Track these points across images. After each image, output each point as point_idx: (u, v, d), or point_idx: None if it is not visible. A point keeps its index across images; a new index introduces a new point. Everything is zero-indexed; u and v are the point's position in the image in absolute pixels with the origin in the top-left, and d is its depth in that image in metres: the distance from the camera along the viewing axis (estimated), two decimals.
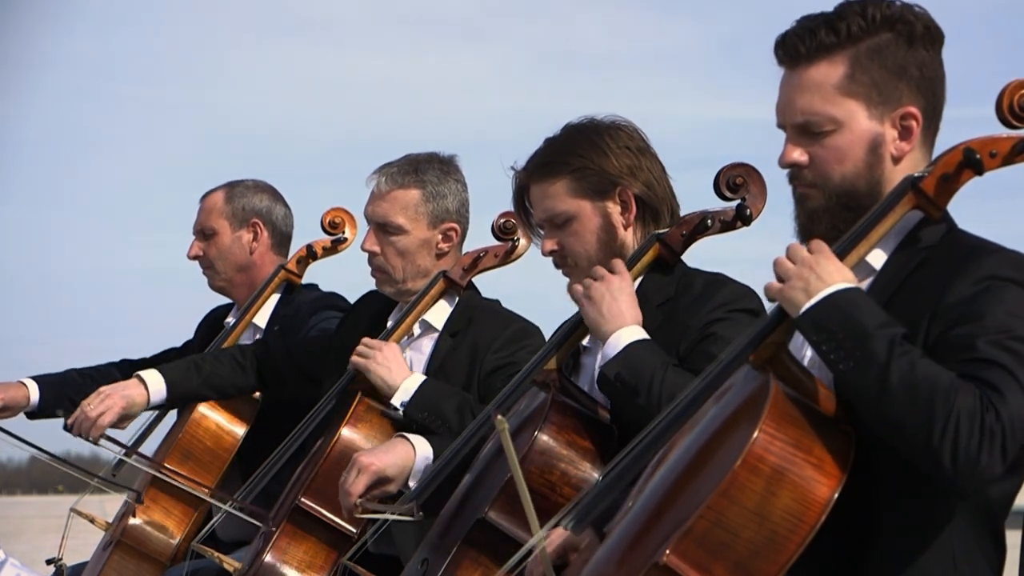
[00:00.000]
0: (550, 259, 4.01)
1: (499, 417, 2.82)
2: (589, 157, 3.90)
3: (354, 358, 4.57)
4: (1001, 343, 2.75)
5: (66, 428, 5.22)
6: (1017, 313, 2.79)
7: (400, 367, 4.52)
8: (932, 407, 2.68)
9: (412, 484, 4.18)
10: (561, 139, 3.95)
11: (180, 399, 5.14)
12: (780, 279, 2.87)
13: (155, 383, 5.07)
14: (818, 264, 2.83)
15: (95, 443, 5.05)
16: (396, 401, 4.46)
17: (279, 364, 5.07)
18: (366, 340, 4.59)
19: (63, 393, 5.74)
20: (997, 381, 2.72)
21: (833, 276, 2.82)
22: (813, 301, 2.80)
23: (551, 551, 3.24)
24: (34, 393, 5.69)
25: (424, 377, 4.52)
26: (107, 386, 5.09)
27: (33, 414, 5.74)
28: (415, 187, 4.70)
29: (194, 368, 5.13)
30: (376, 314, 4.83)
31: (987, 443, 2.67)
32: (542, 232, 4.02)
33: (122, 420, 5.01)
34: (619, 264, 3.81)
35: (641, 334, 3.70)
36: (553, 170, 3.92)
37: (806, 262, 2.84)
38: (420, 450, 4.21)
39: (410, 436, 4.25)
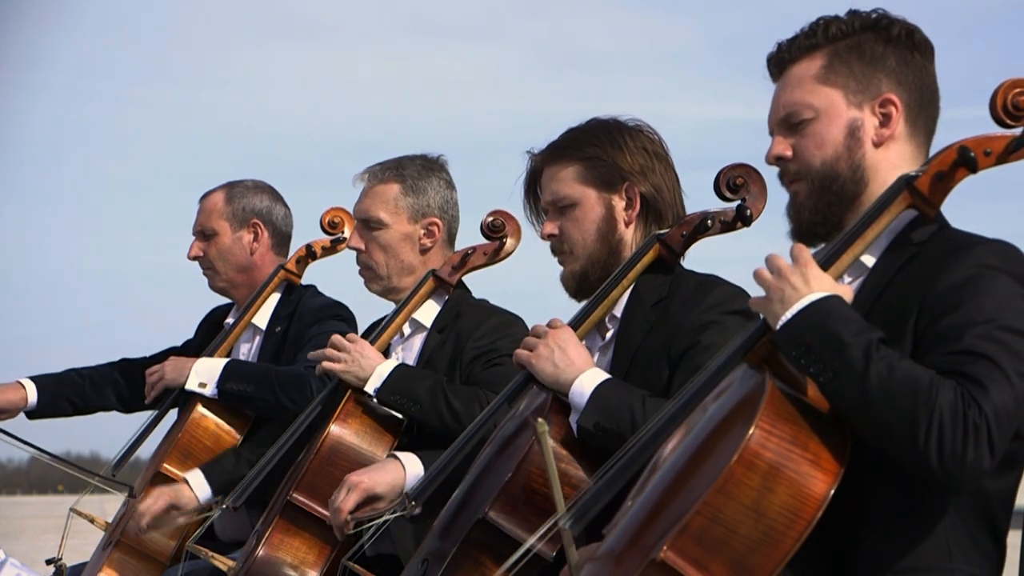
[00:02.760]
0: (548, 244, 4.04)
1: (540, 420, 2.81)
2: (604, 148, 3.93)
3: (325, 364, 4.60)
4: (987, 334, 2.76)
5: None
6: (1004, 301, 2.80)
7: (372, 357, 4.55)
8: (914, 410, 2.69)
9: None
10: (581, 128, 4.00)
11: (223, 490, 5.12)
12: (761, 294, 2.89)
13: (198, 483, 5.13)
14: (794, 274, 2.85)
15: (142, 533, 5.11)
16: (369, 388, 4.50)
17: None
18: (334, 339, 4.62)
19: (61, 393, 5.75)
20: (980, 374, 2.73)
21: (810, 285, 2.84)
22: (789, 315, 2.81)
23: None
24: (32, 394, 5.70)
25: (397, 362, 4.56)
26: (161, 487, 5.15)
27: (32, 414, 5.75)
28: (395, 181, 4.77)
29: (234, 456, 5.17)
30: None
31: (972, 440, 2.68)
32: (545, 216, 4.04)
33: (171, 510, 5.06)
34: (557, 320, 3.84)
35: (601, 376, 3.70)
36: (566, 155, 3.97)
37: (783, 272, 2.87)
38: (410, 469, 4.26)
39: (400, 455, 4.29)
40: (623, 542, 2.92)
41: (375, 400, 4.50)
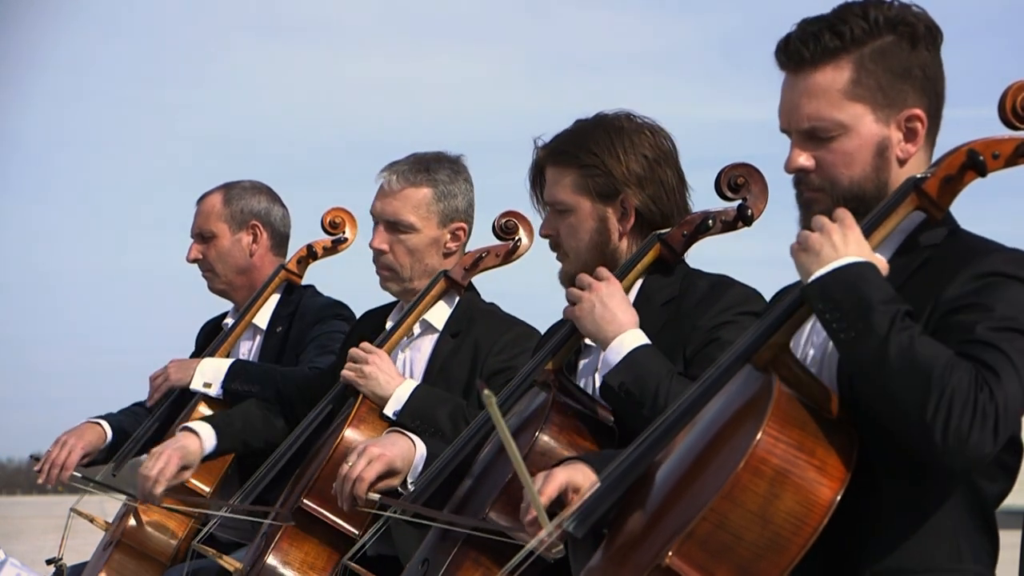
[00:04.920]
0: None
1: (486, 391, 2.79)
2: (601, 157, 3.90)
3: (344, 372, 4.58)
4: (1000, 330, 2.77)
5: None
6: (1019, 308, 2.81)
7: (391, 376, 4.52)
8: (928, 383, 2.70)
9: (411, 483, 4.18)
10: (584, 129, 3.96)
11: (227, 448, 5.08)
12: (800, 245, 2.88)
13: (205, 431, 5.03)
14: (835, 234, 2.84)
15: (159, 504, 4.99)
16: (389, 411, 4.47)
17: (295, 401, 5.06)
18: (353, 351, 4.59)
19: (124, 430, 5.72)
20: (995, 362, 2.74)
21: (849, 248, 2.83)
22: (823, 271, 2.81)
23: (551, 489, 3.18)
24: (108, 432, 5.69)
25: (416, 384, 4.52)
26: (159, 445, 5.03)
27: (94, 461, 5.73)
28: (427, 186, 4.70)
29: (233, 418, 5.11)
30: (375, 330, 4.82)
31: (979, 422, 2.69)
32: (546, 211, 4.04)
33: (182, 471, 4.96)
34: (604, 271, 3.81)
35: (642, 339, 3.69)
36: (565, 160, 3.95)
37: (826, 231, 2.86)
38: (419, 447, 4.21)
39: (406, 432, 4.24)
40: (626, 544, 2.92)
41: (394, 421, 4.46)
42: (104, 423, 5.69)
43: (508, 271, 4.71)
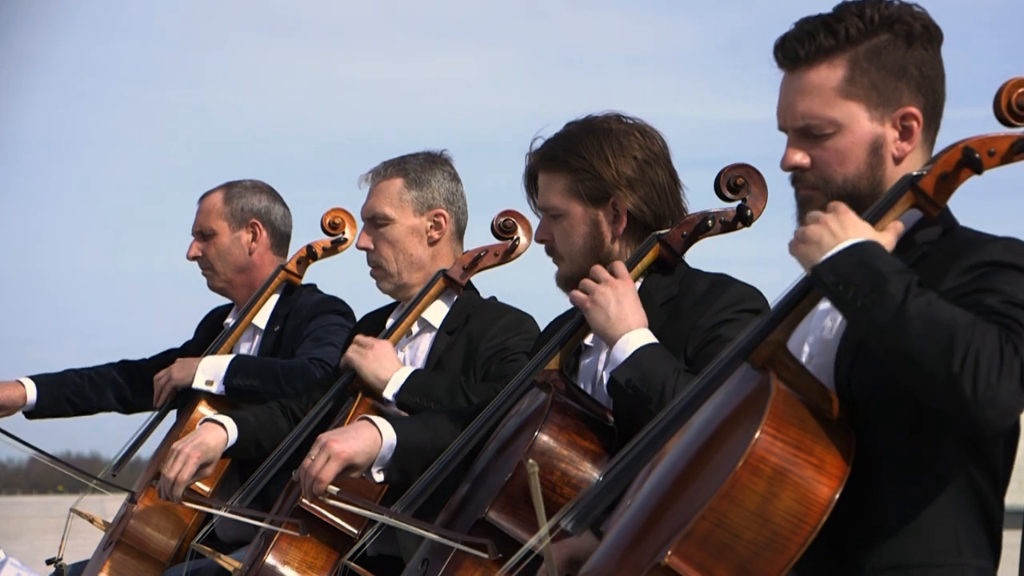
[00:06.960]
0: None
1: (531, 461, 2.81)
2: (590, 160, 3.89)
3: (347, 354, 4.59)
4: (1010, 304, 2.77)
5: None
6: (1020, 289, 2.80)
7: (391, 362, 4.53)
8: (951, 339, 2.68)
9: (374, 471, 4.14)
10: (573, 133, 3.95)
11: (244, 446, 4.90)
12: (798, 238, 2.88)
13: (230, 424, 4.88)
14: (832, 222, 2.84)
15: (180, 504, 4.82)
16: (388, 394, 4.48)
17: (298, 396, 5.06)
18: (359, 337, 4.62)
19: (61, 393, 5.74)
20: (1011, 325, 2.73)
21: (848, 232, 2.82)
22: (830, 253, 2.80)
23: (557, 560, 3.21)
24: (31, 393, 5.70)
25: (414, 368, 4.54)
26: (179, 441, 4.85)
27: (31, 414, 5.75)
28: (398, 176, 4.78)
29: (251, 416, 4.98)
30: (375, 331, 4.83)
31: (1008, 373, 2.68)
32: (541, 216, 4.04)
33: (203, 468, 4.82)
34: (620, 267, 3.81)
35: (649, 338, 3.70)
36: (555, 165, 3.95)
37: (822, 220, 2.85)
38: (386, 436, 4.12)
39: (375, 420, 4.18)
40: (624, 544, 2.92)
41: (393, 405, 4.48)
42: (30, 384, 5.69)
43: (507, 270, 4.73)
